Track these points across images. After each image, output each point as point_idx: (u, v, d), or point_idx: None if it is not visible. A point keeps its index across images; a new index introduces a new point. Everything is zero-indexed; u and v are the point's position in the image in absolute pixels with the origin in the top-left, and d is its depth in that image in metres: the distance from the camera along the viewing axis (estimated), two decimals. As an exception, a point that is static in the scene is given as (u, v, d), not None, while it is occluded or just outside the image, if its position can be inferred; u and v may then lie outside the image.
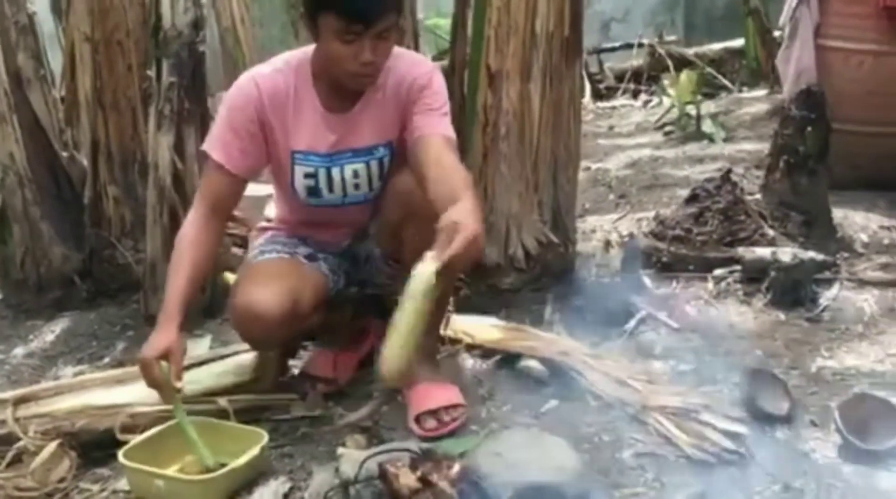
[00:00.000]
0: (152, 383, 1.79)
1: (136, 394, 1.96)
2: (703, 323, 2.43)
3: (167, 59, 2.55)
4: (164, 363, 1.79)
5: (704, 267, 2.67)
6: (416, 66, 1.94)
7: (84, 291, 2.96)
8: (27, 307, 2.94)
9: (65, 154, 2.97)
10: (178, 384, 1.79)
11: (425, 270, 1.56)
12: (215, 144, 1.94)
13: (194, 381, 1.99)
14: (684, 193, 3.07)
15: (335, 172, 1.95)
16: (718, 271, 2.65)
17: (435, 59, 5.37)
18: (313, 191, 1.98)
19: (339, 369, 2.20)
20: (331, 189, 1.97)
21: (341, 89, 1.90)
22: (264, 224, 2.18)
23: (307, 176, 1.96)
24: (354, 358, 2.25)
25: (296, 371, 2.24)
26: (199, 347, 2.43)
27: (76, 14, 2.83)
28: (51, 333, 2.78)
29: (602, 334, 2.37)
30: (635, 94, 6.57)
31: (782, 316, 2.47)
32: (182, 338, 1.82)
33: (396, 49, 1.96)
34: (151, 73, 2.60)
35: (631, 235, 2.67)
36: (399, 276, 2.01)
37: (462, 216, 1.58)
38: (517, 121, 2.50)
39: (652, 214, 3.16)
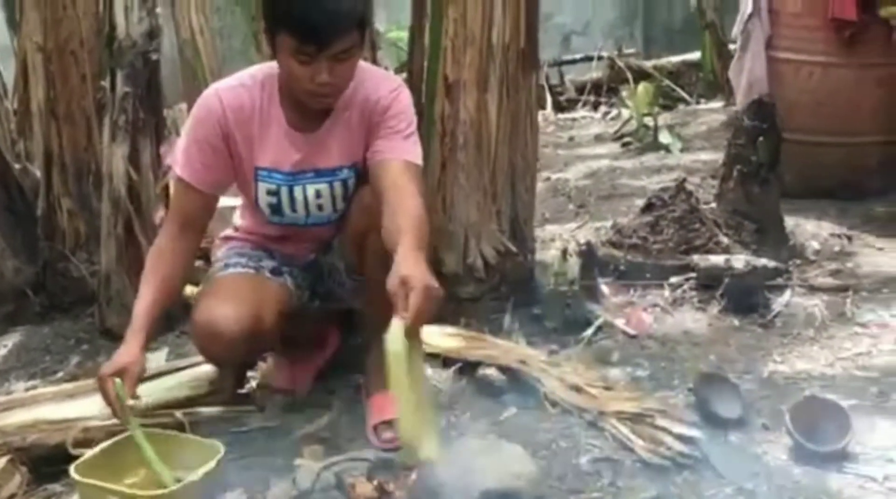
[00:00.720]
0: (106, 399, 1.77)
1: (89, 408, 1.94)
2: (659, 330, 2.46)
3: (121, 70, 2.53)
4: (118, 380, 1.77)
5: (661, 275, 2.71)
6: (381, 86, 1.90)
7: (37, 305, 2.90)
8: (-23, 322, 2.88)
9: (17, 166, 2.92)
10: (131, 402, 1.77)
11: (395, 339, 1.53)
12: (179, 159, 1.92)
13: (150, 393, 1.96)
14: (642, 202, 3.11)
15: (297, 191, 1.93)
16: (674, 279, 2.69)
17: (396, 71, 5.38)
18: (276, 209, 1.96)
19: (298, 380, 2.19)
20: (293, 208, 1.96)
21: (308, 107, 1.88)
22: (229, 233, 2.15)
23: (269, 193, 1.94)
24: (313, 368, 2.24)
25: (254, 383, 2.22)
26: (156, 359, 2.40)
27: (29, 24, 2.79)
28: (2, 347, 2.72)
29: (560, 342, 2.39)
30: (595, 106, 6.65)
31: (736, 322, 2.51)
32: (143, 356, 1.81)
33: (364, 66, 1.94)
34: (105, 83, 2.57)
35: (588, 244, 2.70)
36: (361, 289, 2.02)
37: (409, 270, 1.55)
38: (474, 131, 2.52)
39: (610, 223, 3.20)
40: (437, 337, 2.35)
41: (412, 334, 1.55)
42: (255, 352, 2.04)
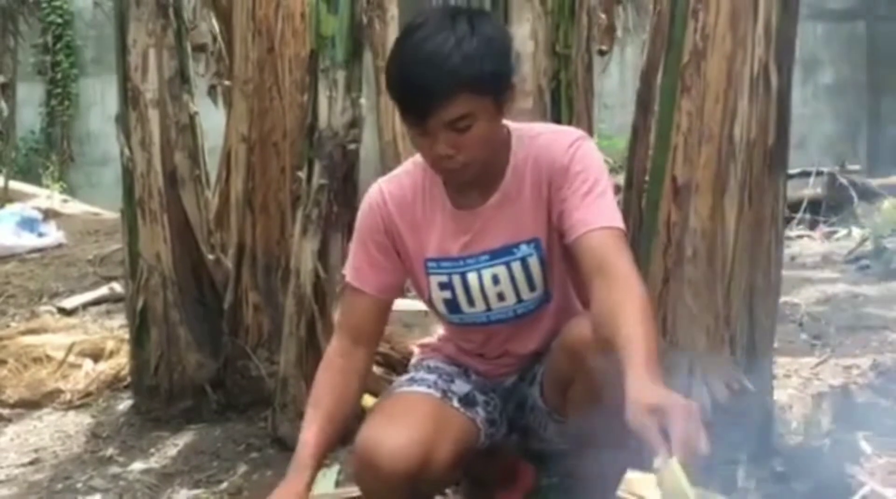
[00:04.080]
0: None
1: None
2: (953, 511, 1.88)
3: (320, 161, 2.40)
4: None
5: (944, 434, 2.13)
6: (555, 143, 1.59)
7: (214, 403, 2.79)
8: (156, 416, 2.78)
9: (211, 257, 2.86)
10: None
11: (678, 478, 1.24)
12: (348, 262, 1.72)
13: (311, 526, 1.67)
14: (900, 337, 2.56)
15: (471, 277, 1.63)
16: (964, 441, 2.10)
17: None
18: (452, 305, 1.67)
19: (482, 526, 1.83)
20: (470, 301, 1.65)
21: (473, 182, 1.61)
22: (427, 340, 1.88)
23: (442, 287, 1.66)
24: (501, 513, 1.88)
25: (430, 524, 1.88)
26: (324, 482, 2.12)
27: (236, 115, 2.78)
28: (174, 447, 2.59)
29: (814, 513, 1.88)
30: (812, 225, 6.13)
31: None
32: (309, 492, 1.57)
33: (536, 126, 1.68)
34: (302, 174, 2.44)
35: (844, 388, 2.18)
36: (564, 431, 1.67)
37: (653, 395, 1.27)
38: (706, 241, 2.12)
39: (863, 360, 2.65)
40: (652, 490, 1.91)
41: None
42: (420, 495, 1.70)
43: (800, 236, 5.82)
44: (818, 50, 8.87)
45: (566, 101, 2.20)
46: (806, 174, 6.60)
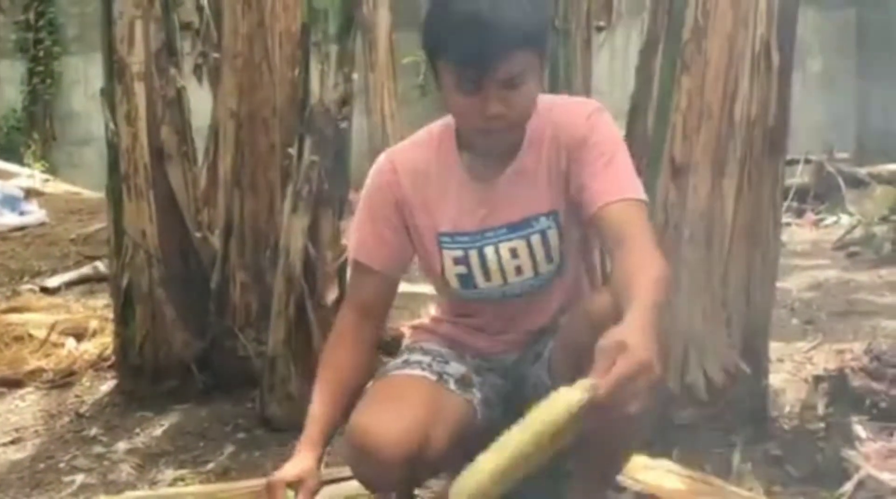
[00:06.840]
0: None
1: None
2: (949, 495, 1.87)
3: (311, 137, 2.35)
4: (290, 492, 1.48)
5: (938, 418, 2.12)
6: (573, 114, 1.57)
7: (200, 383, 2.74)
8: (140, 395, 2.73)
9: (198, 234, 2.80)
10: None
11: (569, 397, 1.21)
12: (353, 237, 1.67)
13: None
14: (892, 323, 2.55)
15: (489, 251, 1.60)
16: (958, 426, 2.09)
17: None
18: (466, 280, 1.63)
19: (475, 509, 1.79)
20: (486, 276, 1.61)
21: (490, 152, 1.57)
22: (419, 322, 1.84)
23: (457, 261, 1.61)
24: (494, 495, 1.84)
25: (422, 505, 1.85)
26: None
27: (224, 90, 2.71)
28: (159, 427, 2.54)
29: (810, 497, 1.86)
30: (799, 213, 6.16)
31: None
32: (319, 470, 1.53)
33: (552, 97, 1.64)
34: (293, 150, 2.39)
35: (840, 372, 2.17)
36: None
37: (630, 335, 1.23)
38: (705, 222, 2.09)
39: (856, 345, 2.64)
40: (647, 472, 1.89)
41: (592, 411, 1.21)
42: (415, 478, 1.66)
43: (788, 224, 5.81)
44: (808, 37, 8.86)
45: (565, 78, 2.17)
46: (793, 162, 6.62)
